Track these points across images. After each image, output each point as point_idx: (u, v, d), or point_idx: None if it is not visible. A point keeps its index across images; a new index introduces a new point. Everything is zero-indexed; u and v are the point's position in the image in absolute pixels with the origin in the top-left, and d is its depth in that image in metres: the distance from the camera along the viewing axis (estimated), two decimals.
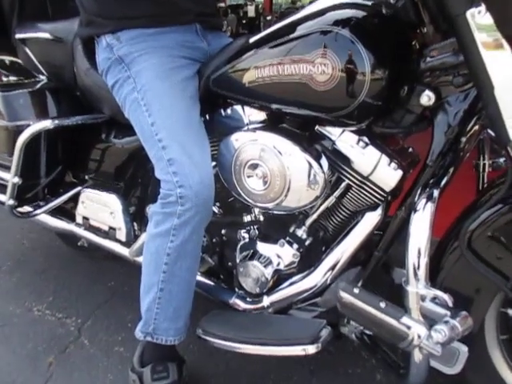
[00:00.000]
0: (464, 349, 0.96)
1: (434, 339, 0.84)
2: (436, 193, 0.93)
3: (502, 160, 1.12)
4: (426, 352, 0.87)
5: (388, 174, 1.02)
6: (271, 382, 1.33)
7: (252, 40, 1.10)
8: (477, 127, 0.99)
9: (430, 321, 0.88)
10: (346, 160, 1.04)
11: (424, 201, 0.93)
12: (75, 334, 1.53)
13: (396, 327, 0.90)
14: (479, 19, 0.77)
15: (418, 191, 0.97)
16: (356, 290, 0.94)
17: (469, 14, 0.78)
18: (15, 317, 1.62)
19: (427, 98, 0.93)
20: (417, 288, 0.90)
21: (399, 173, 1.02)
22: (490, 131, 1.10)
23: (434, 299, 0.89)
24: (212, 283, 1.32)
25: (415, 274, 0.90)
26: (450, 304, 0.88)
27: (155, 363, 1.20)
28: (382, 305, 0.91)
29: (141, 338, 1.21)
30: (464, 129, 0.96)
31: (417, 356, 0.93)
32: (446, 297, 0.88)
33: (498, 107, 0.80)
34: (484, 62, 0.79)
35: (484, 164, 1.11)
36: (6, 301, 1.69)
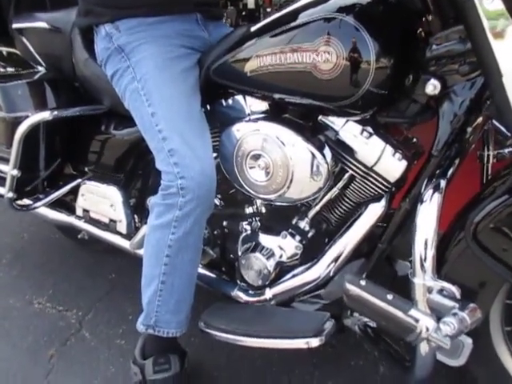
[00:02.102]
0: (468, 341, 0.95)
1: (443, 332, 0.82)
2: (443, 184, 0.92)
3: (506, 151, 1.10)
4: (434, 345, 0.86)
5: (392, 165, 1.01)
6: (273, 375, 1.32)
7: (253, 28, 1.08)
8: (482, 117, 0.98)
9: (438, 313, 0.87)
10: (350, 150, 1.03)
11: (431, 192, 0.92)
12: (76, 326, 1.53)
13: (404, 320, 0.88)
14: (488, 5, 0.75)
15: (425, 182, 0.95)
16: (363, 282, 0.93)
17: None
18: (15, 310, 1.61)
19: (432, 86, 0.92)
20: (423, 280, 0.89)
21: (404, 163, 1.01)
22: (494, 122, 1.09)
23: (441, 291, 0.88)
24: (214, 275, 1.31)
25: (422, 266, 0.89)
26: (458, 296, 0.87)
27: (157, 355, 1.20)
28: (390, 297, 0.89)
29: (142, 331, 1.20)
30: (470, 119, 0.95)
31: (423, 349, 0.92)
32: (453, 289, 0.86)
33: (507, 95, 0.78)
34: (492, 49, 0.77)
35: (488, 155, 1.10)
36: (6, 294, 1.68)
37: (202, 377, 1.32)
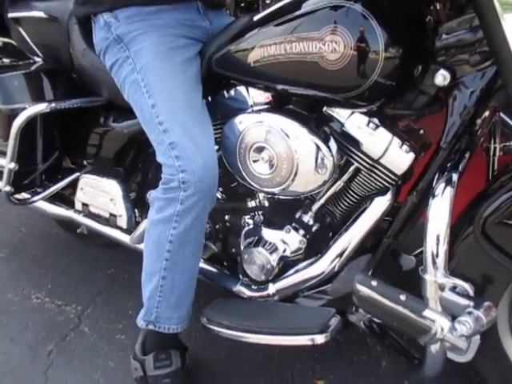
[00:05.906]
0: (476, 337, 0.94)
1: (459, 332, 0.80)
2: (455, 177, 0.89)
3: None
4: (448, 345, 0.84)
5: (399, 157, 0.98)
6: (274, 369, 1.31)
7: (257, 18, 1.05)
8: (490, 109, 0.95)
9: (451, 312, 0.85)
10: (356, 143, 1.01)
11: (443, 186, 0.89)
12: (75, 321, 1.51)
13: (418, 321, 0.86)
14: None
15: (436, 176, 0.93)
16: (374, 283, 0.90)
17: None
18: (14, 305, 1.59)
19: (442, 77, 0.89)
20: (435, 277, 0.86)
21: (411, 156, 0.98)
22: (501, 114, 1.07)
23: (453, 288, 0.86)
24: (215, 270, 1.29)
25: (434, 262, 0.86)
26: (471, 293, 0.84)
27: (158, 351, 1.18)
28: (403, 298, 0.87)
29: (143, 327, 1.18)
30: (479, 110, 0.93)
31: (433, 347, 0.90)
32: (466, 286, 0.84)
33: None
34: (506, 39, 0.74)
35: (495, 148, 1.08)
36: (4, 288, 1.67)
37: (203, 372, 1.31)
